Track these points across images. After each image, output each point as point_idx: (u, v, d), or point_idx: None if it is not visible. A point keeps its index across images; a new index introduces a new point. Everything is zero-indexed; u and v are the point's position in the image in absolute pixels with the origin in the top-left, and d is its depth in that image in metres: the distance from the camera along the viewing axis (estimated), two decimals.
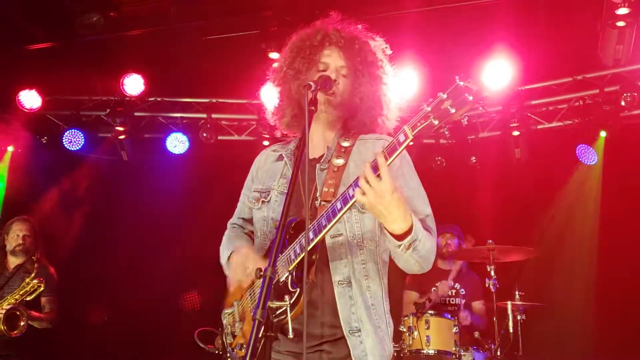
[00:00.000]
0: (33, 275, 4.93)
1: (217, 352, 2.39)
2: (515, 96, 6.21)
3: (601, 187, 6.32)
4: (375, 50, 2.41)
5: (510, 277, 5.33)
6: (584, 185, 6.47)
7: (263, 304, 1.76)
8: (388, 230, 2.02)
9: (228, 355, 2.28)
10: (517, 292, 5.12)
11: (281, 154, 2.47)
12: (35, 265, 4.99)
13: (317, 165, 2.33)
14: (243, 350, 2.17)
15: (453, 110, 1.81)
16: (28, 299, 4.87)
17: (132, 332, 6.71)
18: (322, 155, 2.35)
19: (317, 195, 2.23)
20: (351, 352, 2.14)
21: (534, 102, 6.39)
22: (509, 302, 5.07)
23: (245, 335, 2.21)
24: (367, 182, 1.90)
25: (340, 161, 2.28)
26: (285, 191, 2.29)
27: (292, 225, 2.19)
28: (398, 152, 1.90)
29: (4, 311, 4.72)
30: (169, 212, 6.86)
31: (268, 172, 2.47)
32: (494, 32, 5.48)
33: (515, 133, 6.31)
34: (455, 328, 4.89)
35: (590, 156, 6.27)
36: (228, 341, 2.32)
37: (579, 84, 6.18)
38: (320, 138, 2.41)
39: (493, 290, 5.06)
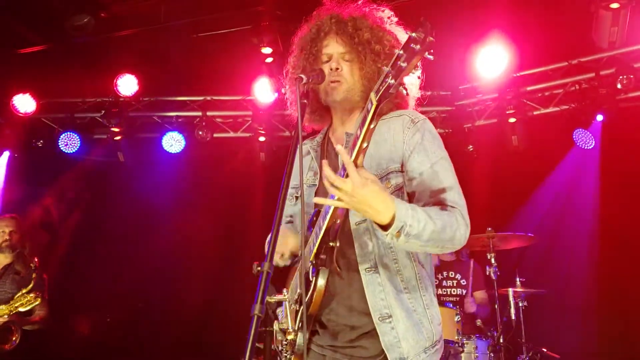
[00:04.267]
0: (30, 287, 4.97)
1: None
2: (511, 83, 6.18)
3: (599, 170, 6.30)
4: (372, 25, 2.32)
5: (511, 264, 5.32)
6: (582, 170, 6.45)
7: (261, 299, 1.75)
8: (377, 224, 1.93)
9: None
10: (517, 279, 5.13)
11: (308, 148, 2.47)
12: (34, 276, 5.04)
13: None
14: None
15: (404, 65, 1.76)
16: (22, 310, 4.91)
17: (131, 332, 6.71)
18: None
19: None
20: (381, 339, 2.06)
21: (529, 88, 6.35)
22: (510, 289, 5.09)
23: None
24: (335, 186, 1.85)
25: (363, 145, 2.17)
26: (313, 183, 2.31)
27: (317, 213, 2.19)
28: (368, 121, 1.87)
29: None
30: (167, 211, 6.85)
31: (298, 167, 2.45)
32: (489, 18, 5.45)
33: (512, 120, 6.29)
34: (457, 317, 4.88)
35: (588, 140, 6.25)
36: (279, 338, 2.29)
37: (575, 68, 6.14)
38: (342, 129, 2.37)
39: (494, 278, 5.07)
